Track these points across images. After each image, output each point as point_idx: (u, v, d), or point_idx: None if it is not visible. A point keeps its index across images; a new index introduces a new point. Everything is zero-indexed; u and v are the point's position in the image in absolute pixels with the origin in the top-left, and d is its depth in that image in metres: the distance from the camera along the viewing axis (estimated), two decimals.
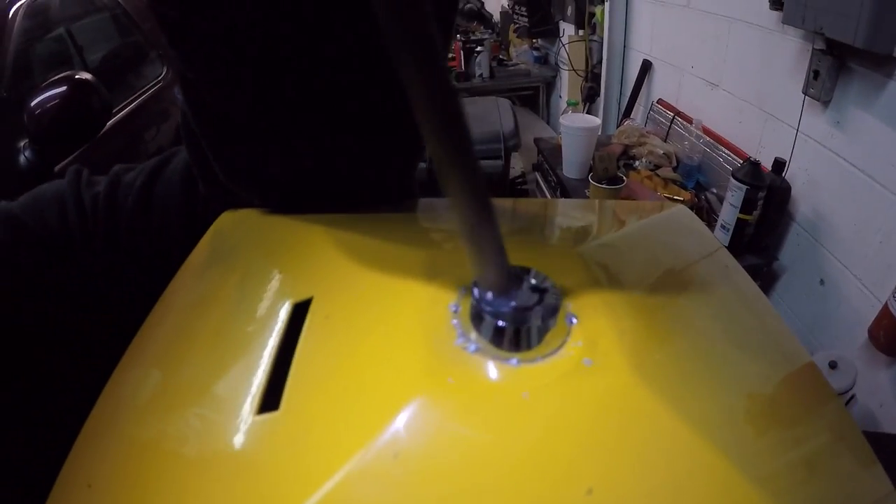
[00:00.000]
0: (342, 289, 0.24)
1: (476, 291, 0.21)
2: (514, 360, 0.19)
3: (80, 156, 2.08)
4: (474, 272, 0.20)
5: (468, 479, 0.17)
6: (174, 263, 0.35)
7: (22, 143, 1.94)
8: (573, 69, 3.53)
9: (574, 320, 0.21)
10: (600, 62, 3.28)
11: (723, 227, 1.90)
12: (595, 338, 0.21)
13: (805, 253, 1.86)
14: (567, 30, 3.71)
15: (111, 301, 0.48)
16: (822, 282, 1.79)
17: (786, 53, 1.83)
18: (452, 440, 0.17)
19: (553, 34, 3.92)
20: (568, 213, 0.41)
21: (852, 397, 1.57)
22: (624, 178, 2.25)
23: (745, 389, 0.22)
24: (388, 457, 0.17)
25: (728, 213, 1.87)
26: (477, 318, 0.21)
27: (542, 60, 4.30)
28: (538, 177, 2.97)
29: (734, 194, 1.82)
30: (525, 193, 3.33)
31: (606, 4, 3.03)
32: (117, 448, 0.23)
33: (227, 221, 0.35)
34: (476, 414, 0.18)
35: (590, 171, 2.47)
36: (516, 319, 0.20)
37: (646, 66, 2.85)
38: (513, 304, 0.20)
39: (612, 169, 2.29)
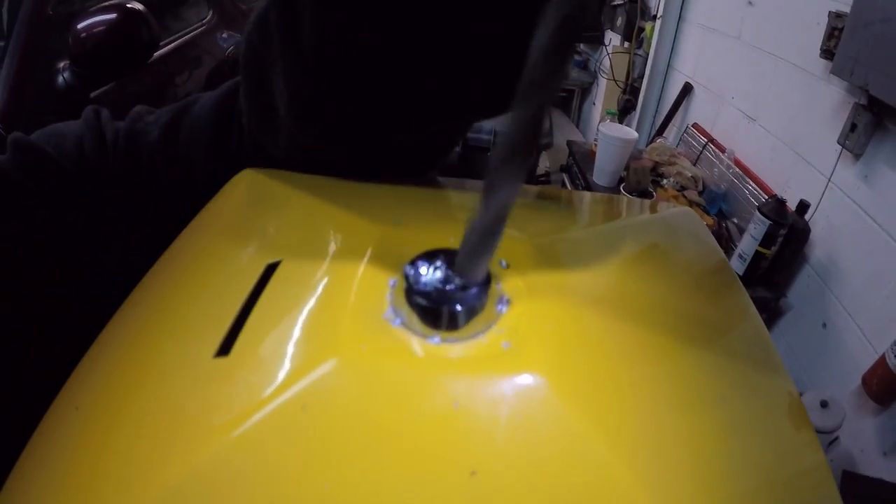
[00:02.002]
0: (308, 254, 0.26)
1: (408, 269, 0.22)
2: (436, 339, 0.20)
3: (113, 89, 2.05)
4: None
5: (362, 438, 0.18)
6: (191, 204, 0.36)
7: (62, 64, 1.91)
8: (613, 79, 3.57)
9: (504, 308, 0.22)
10: (641, 77, 3.32)
11: (740, 256, 1.96)
12: (518, 327, 0.21)
13: (813, 295, 1.92)
14: (613, 40, 3.75)
15: (120, 242, 0.48)
16: (824, 325, 1.84)
17: (827, 102, 1.88)
18: (354, 400, 0.19)
19: (598, 42, 3.96)
20: (566, 203, 0.40)
21: (836, 438, 1.64)
22: (654, 193, 2.31)
23: (681, 405, 0.22)
24: (297, 407, 0.18)
25: (747, 245, 1.93)
26: (409, 295, 0.21)
27: (582, 66, 4.34)
28: (565, 178, 3.03)
29: (756, 227, 1.88)
30: None
31: (658, 22, 3.07)
32: (103, 375, 0.25)
33: (243, 180, 0.36)
34: (381, 380, 0.19)
35: (619, 181, 2.53)
36: (440, 301, 0.21)
37: (686, 89, 2.89)
38: (440, 285, 0.21)
39: (645, 183, 2.36)
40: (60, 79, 1.91)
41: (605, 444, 0.18)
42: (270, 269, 0.25)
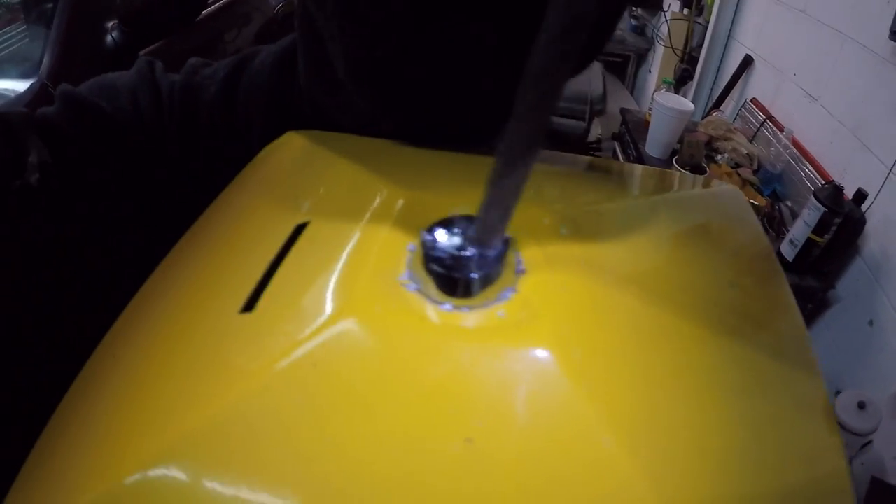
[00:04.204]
0: (335, 216, 0.26)
1: (425, 236, 0.22)
2: (448, 305, 0.21)
3: (161, 47, 2.07)
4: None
5: (366, 397, 0.19)
6: (245, 163, 0.35)
7: (111, 24, 1.94)
8: (671, 47, 3.46)
9: (520, 278, 0.22)
10: (700, 46, 3.21)
11: (791, 242, 1.89)
12: (531, 299, 0.21)
13: (862, 289, 1.86)
14: (672, 5, 3.62)
15: (170, 199, 0.47)
16: (871, 322, 1.79)
17: (894, 87, 1.80)
18: (365, 360, 0.19)
19: (656, 7, 3.84)
20: (603, 175, 0.39)
21: (870, 442, 1.60)
22: (707, 168, 2.25)
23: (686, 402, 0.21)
24: (309, 365, 0.19)
25: (800, 230, 1.87)
26: (426, 260, 0.22)
27: (639, 31, 4.21)
28: (616, 147, 2.97)
29: (811, 213, 1.81)
30: None
31: None
32: (140, 327, 0.26)
33: (285, 142, 0.37)
34: (390, 343, 0.20)
35: (672, 153, 2.47)
36: (454, 268, 0.21)
37: (747, 61, 2.79)
38: (455, 252, 0.21)
39: (699, 157, 2.30)
40: (109, 38, 1.95)
41: (605, 425, 0.18)
42: (299, 230, 0.25)
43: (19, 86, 1.75)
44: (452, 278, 0.21)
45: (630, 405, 0.19)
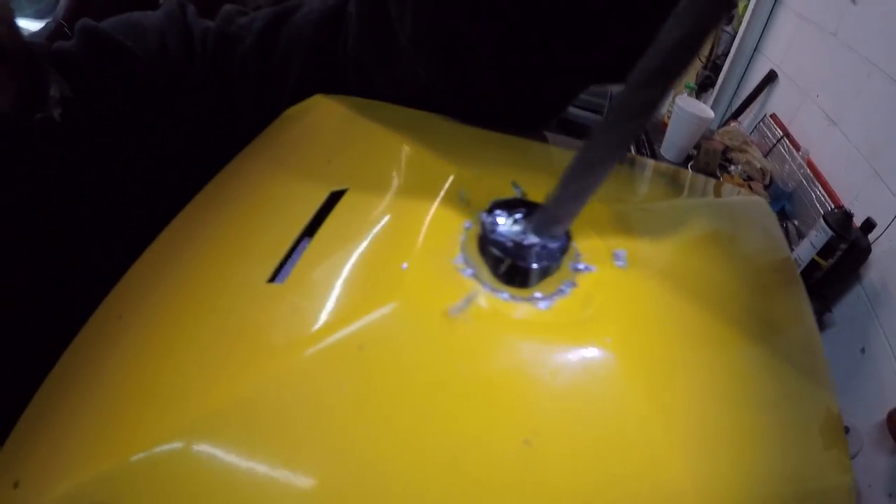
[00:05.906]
0: (377, 185, 0.24)
1: (485, 217, 0.21)
2: (505, 294, 0.19)
3: None
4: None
5: (417, 389, 0.17)
6: (273, 118, 0.34)
7: None
8: None
9: (580, 272, 0.21)
10: (725, 54, 3.20)
11: (796, 261, 1.89)
12: (592, 295, 0.20)
13: (858, 317, 1.87)
14: None
15: (189, 154, 0.46)
16: (863, 350, 1.80)
17: None
18: (413, 347, 0.18)
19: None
20: (646, 171, 0.39)
21: None
22: (720, 178, 2.26)
23: (730, 405, 0.21)
24: (354, 347, 0.18)
25: (805, 251, 1.88)
26: (483, 244, 0.20)
27: None
28: (631, 145, 2.96)
29: (818, 236, 1.83)
30: None
31: (752, 1, 2.94)
32: (149, 287, 0.25)
33: (314, 104, 0.35)
34: (446, 331, 0.18)
35: (688, 158, 2.48)
36: (516, 255, 0.20)
37: (770, 76, 2.78)
38: (517, 238, 0.20)
39: (714, 165, 2.31)
40: None
41: (662, 432, 0.18)
42: (335, 198, 0.24)
43: (33, 25, 1.74)
44: (514, 266, 0.20)
45: (683, 410, 0.19)
